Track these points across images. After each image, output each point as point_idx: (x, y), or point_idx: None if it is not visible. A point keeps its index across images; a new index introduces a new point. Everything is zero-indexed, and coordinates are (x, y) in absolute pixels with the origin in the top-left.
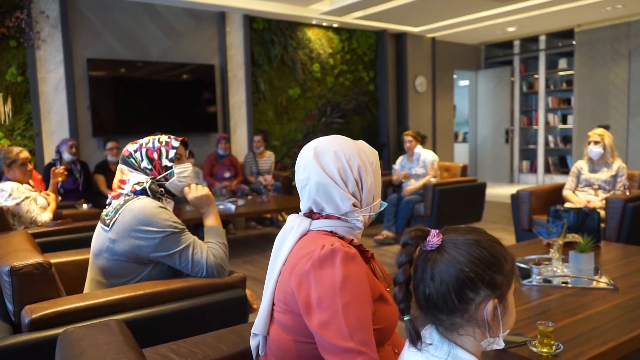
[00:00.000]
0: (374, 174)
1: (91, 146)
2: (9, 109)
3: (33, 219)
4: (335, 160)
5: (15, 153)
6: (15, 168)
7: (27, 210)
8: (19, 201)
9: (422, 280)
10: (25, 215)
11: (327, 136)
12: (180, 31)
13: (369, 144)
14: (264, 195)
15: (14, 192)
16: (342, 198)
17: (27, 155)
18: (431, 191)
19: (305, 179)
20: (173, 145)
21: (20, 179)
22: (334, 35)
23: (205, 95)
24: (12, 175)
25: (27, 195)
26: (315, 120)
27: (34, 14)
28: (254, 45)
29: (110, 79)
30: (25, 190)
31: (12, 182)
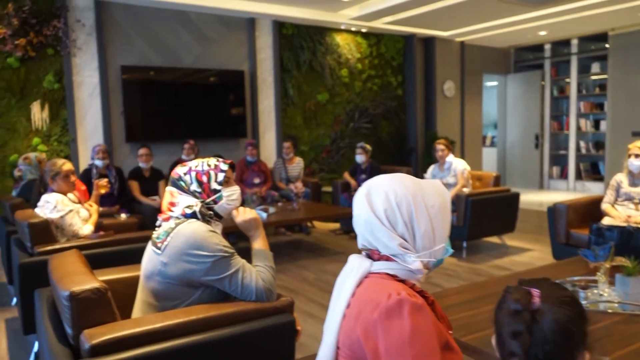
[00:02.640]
0: (433, 218)
1: (124, 151)
2: (46, 115)
3: (75, 232)
4: (384, 201)
5: (59, 165)
6: (59, 180)
7: (70, 223)
8: (63, 214)
9: (533, 344)
10: (68, 227)
11: (389, 175)
12: (211, 37)
13: (397, 149)
14: (294, 202)
15: (58, 205)
16: (388, 238)
17: (71, 167)
18: (464, 202)
19: (357, 215)
20: (222, 169)
21: (64, 190)
22: (362, 40)
23: (235, 101)
24: (57, 187)
25: (70, 208)
26: (344, 125)
27: (71, 23)
28: (283, 51)
29: (142, 85)
30: (69, 202)
31: (56, 194)
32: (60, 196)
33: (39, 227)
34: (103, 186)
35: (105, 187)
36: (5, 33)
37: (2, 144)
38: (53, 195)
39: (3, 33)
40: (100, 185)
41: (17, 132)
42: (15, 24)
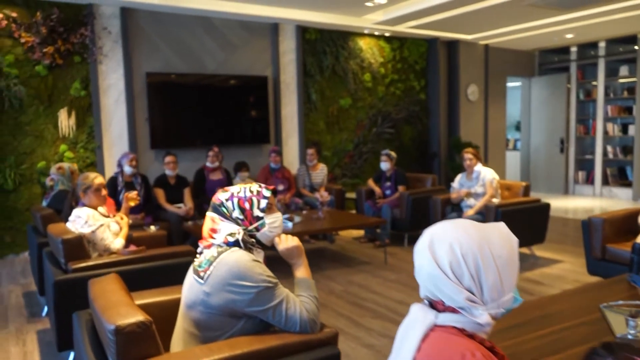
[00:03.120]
0: (501, 269)
1: (149, 158)
2: (73, 123)
3: (107, 246)
4: (449, 253)
5: (91, 179)
6: (90, 193)
7: (101, 237)
8: (94, 228)
9: None
10: (100, 242)
11: (452, 223)
12: (235, 43)
13: (419, 154)
14: (319, 210)
15: (89, 219)
16: (454, 292)
17: (102, 181)
18: (493, 212)
19: (420, 266)
20: (264, 195)
21: (95, 204)
22: (385, 44)
23: (258, 107)
24: (88, 201)
25: (101, 222)
26: (366, 130)
27: (97, 30)
28: (306, 56)
29: (167, 91)
30: (99, 217)
31: (87, 209)
32: (91, 211)
33: (72, 243)
34: (133, 199)
35: (136, 199)
36: (34, 41)
37: (30, 151)
38: (84, 209)
39: (31, 41)
40: (130, 197)
41: (45, 139)
42: (44, 32)
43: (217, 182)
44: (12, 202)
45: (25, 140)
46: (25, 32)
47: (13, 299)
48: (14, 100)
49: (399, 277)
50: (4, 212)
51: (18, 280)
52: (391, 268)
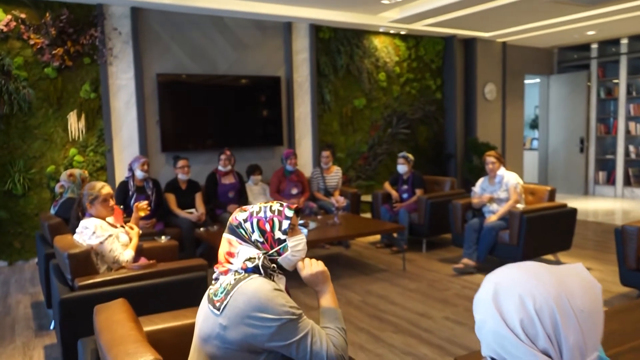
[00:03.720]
0: (584, 324)
1: (160, 161)
2: (83, 126)
3: (115, 259)
4: (519, 308)
5: (97, 189)
6: (97, 204)
7: (109, 249)
8: (103, 240)
9: None
10: (108, 254)
11: (519, 268)
12: (247, 43)
13: (435, 155)
14: (335, 215)
15: (97, 230)
16: (526, 355)
17: (110, 191)
18: (518, 219)
19: (481, 321)
20: (286, 215)
21: (103, 215)
22: (401, 42)
23: (271, 108)
24: (95, 211)
25: (110, 232)
26: (381, 131)
27: (107, 31)
28: (319, 55)
29: (178, 93)
30: (108, 227)
31: (95, 219)
32: (98, 221)
33: (79, 258)
34: (143, 209)
35: (146, 209)
36: (43, 43)
37: (40, 155)
38: (91, 220)
39: (40, 43)
40: (140, 207)
41: (54, 143)
42: (53, 34)
43: (229, 187)
44: (22, 207)
45: (35, 144)
46: (34, 34)
47: (21, 310)
48: (23, 104)
49: (419, 287)
50: (13, 217)
51: (27, 289)
52: (410, 276)
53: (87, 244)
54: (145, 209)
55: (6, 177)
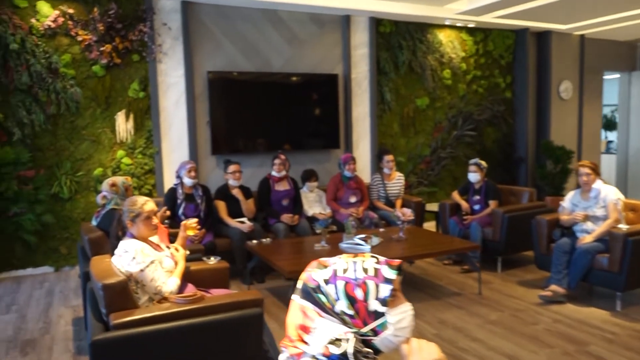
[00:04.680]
0: None
1: (209, 165)
2: (131, 126)
3: (158, 289)
4: None
5: (139, 205)
6: (139, 222)
7: (151, 278)
8: (144, 267)
9: None
10: (150, 284)
11: None
12: (303, 38)
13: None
14: (401, 230)
15: (138, 255)
16: None
17: (153, 207)
18: (621, 242)
19: None
20: (386, 277)
21: (145, 234)
22: (468, 36)
23: (328, 108)
24: (137, 231)
25: (152, 258)
26: (445, 133)
27: (157, 26)
28: (379, 51)
29: (229, 92)
30: (150, 251)
31: (136, 242)
32: (139, 245)
33: (115, 289)
34: (192, 228)
35: (195, 228)
36: (91, 39)
37: (87, 157)
38: (132, 243)
39: (88, 39)
40: (189, 226)
41: (102, 145)
42: (101, 29)
43: (284, 194)
44: (68, 211)
45: (82, 146)
46: (82, 30)
47: (61, 327)
48: (71, 103)
49: (501, 317)
50: (60, 221)
51: (70, 301)
52: (488, 303)
53: (125, 270)
54: (194, 228)
55: (53, 179)
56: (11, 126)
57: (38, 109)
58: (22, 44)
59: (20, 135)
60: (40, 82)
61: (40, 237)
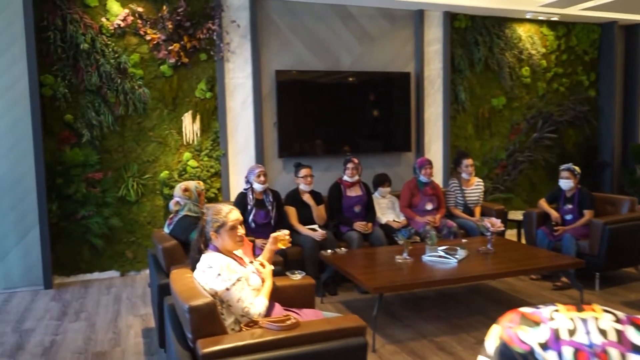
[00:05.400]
0: None
1: (276, 168)
2: (198, 128)
3: (245, 311)
4: None
5: (224, 214)
6: (223, 233)
7: (238, 298)
8: (230, 285)
9: None
10: (236, 304)
11: None
12: (374, 35)
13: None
14: (489, 242)
15: (223, 272)
16: None
17: (239, 216)
18: None
19: None
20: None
21: (229, 246)
22: (549, 31)
23: (399, 108)
24: (221, 243)
25: (239, 275)
26: (523, 135)
27: (225, 24)
28: (454, 47)
29: (298, 92)
30: (236, 267)
31: (221, 257)
32: (225, 259)
33: (202, 312)
34: (283, 240)
35: (286, 241)
36: (159, 38)
37: (154, 159)
38: (217, 257)
39: (157, 38)
40: (280, 239)
41: (168, 146)
42: (170, 28)
43: (356, 199)
44: (134, 214)
45: (149, 148)
46: (150, 29)
47: (131, 339)
48: (138, 104)
49: None
50: (126, 225)
51: (138, 309)
52: None
53: (209, 287)
54: (286, 241)
55: (120, 182)
56: (80, 127)
57: (107, 110)
58: (92, 44)
59: (89, 137)
60: (110, 83)
61: (107, 240)
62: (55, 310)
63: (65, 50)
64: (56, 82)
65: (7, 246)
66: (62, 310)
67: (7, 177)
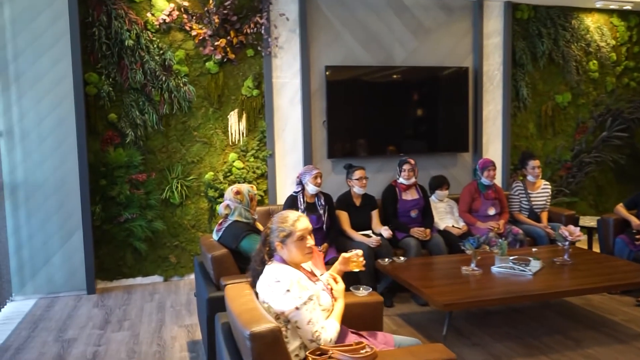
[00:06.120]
0: None
1: (325, 170)
2: (244, 127)
3: (316, 336)
4: None
5: (291, 222)
6: (290, 244)
7: (309, 319)
8: (300, 303)
9: None
10: (306, 327)
11: None
12: (429, 27)
13: None
14: (566, 253)
15: (293, 288)
16: None
17: (308, 225)
18: None
19: None
20: None
21: (297, 259)
22: (619, 21)
23: (456, 106)
24: (288, 254)
25: (310, 293)
26: (590, 135)
27: (273, 18)
28: (515, 40)
29: (348, 89)
30: (307, 282)
31: (291, 270)
32: (295, 274)
33: (265, 340)
34: (356, 263)
35: (360, 264)
36: (205, 34)
37: (198, 160)
38: (286, 271)
39: (203, 34)
40: (352, 260)
41: (213, 147)
42: (216, 23)
43: (412, 203)
44: (178, 217)
45: (193, 148)
46: (196, 24)
47: (176, 353)
48: (183, 102)
49: None
50: (170, 229)
51: (183, 318)
52: None
53: (275, 305)
54: (360, 263)
55: (164, 184)
56: (124, 127)
57: (151, 109)
58: (137, 40)
59: (133, 137)
60: (154, 81)
61: (150, 244)
62: (98, 318)
63: (109, 47)
64: (100, 80)
65: (51, 250)
66: (105, 318)
67: (51, 178)
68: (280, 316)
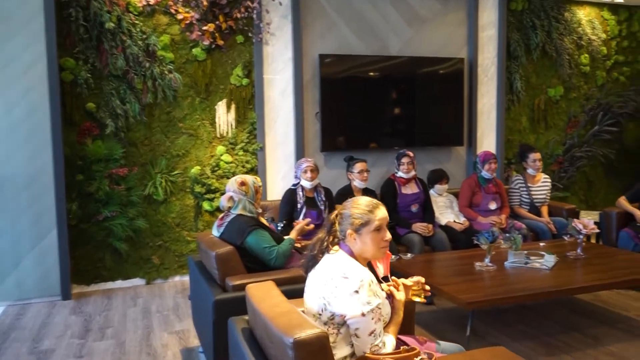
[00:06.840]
0: None
1: (318, 163)
2: (232, 118)
3: (373, 350)
4: None
5: (369, 208)
6: (366, 235)
7: (372, 330)
8: (367, 310)
9: None
10: (367, 337)
11: None
12: (425, 17)
13: None
14: (579, 247)
15: (362, 291)
16: None
17: (386, 215)
18: None
19: None
20: None
21: (369, 253)
22: (610, 15)
23: (451, 98)
24: (359, 247)
25: (379, 301)
26: (581, 129)
27: (265, 2)
28: (510, 32)
29: (342, 79)
30: (376, 287)
31: (362, 269)
32: (367, 274)
33: (312, 348)
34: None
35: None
36: (192, 17)
37: (183, 153)
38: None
39: (190, 18)
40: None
41: (200, 139)
42: (204, 5)
43: (412, 198)
44: (162, 215)
45: (179, 140)
46: (183, 7)
47: None
48: (168, 91)
49: None
50: (153, 227)
51: (172, 324)
52: None
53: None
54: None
55: (147, 179)
56: (103, 117)
57: (133, 98)
58: (118, 23)
59: (113, 128)
60: (136, 67)
61: (131, 244)
62: (77, 326)
63: (88, 30)
64: (77, 66)
65: (21, 252)
66: (84, 326)
67: (22, 173)
68: (330, 320)
